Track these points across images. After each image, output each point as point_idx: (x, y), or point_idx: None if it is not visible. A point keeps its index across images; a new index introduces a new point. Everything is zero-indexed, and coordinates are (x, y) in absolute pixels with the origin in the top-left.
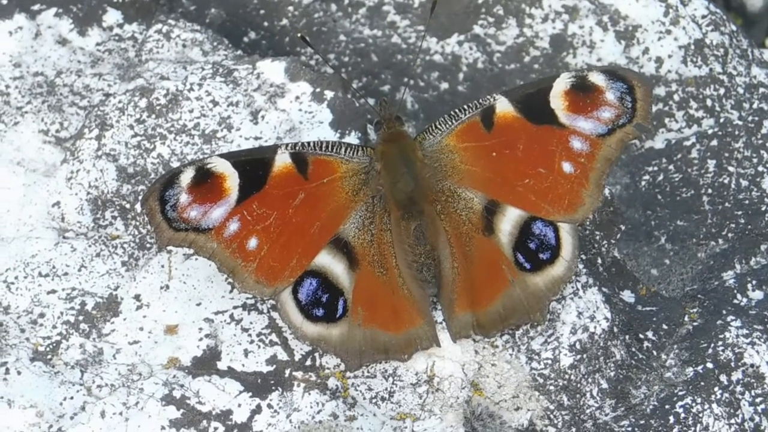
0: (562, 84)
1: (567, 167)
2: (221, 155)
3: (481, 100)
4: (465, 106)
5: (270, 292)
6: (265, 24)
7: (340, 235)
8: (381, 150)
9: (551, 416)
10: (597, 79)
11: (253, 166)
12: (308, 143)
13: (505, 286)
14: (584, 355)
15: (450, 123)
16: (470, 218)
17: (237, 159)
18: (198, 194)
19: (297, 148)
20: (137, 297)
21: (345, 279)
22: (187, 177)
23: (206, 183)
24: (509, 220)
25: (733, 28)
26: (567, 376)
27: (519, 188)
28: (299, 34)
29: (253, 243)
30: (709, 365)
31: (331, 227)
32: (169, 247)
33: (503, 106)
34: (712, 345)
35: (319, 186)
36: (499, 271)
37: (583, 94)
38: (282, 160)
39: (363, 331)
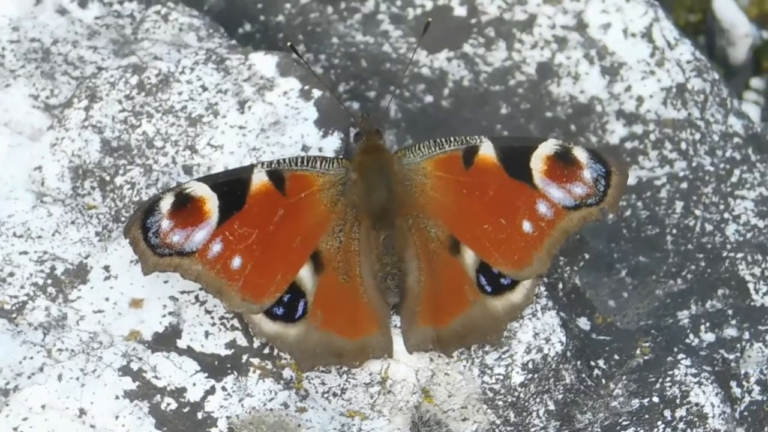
0: (546, 148)
1: (526, 226)
2: (199, 179)
3: (468, 138)
4: (452, 138)
5: (258, 308)
6: (262, 18)
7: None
8: (358, 161)
9: (496, 431)
10: (580, 154)
11: (231, 187)
12: (284, 160)
13: (466, 306)
14: (535, 375)
15: (433, 149)
16: (438, 236)
17: (215, 182)
18: (179, 219)
19: (273, 165)
20: (106, 268)
21: (308, 281)
22: (167, 203)
23: (186, 207)
24: None
25: (716, 76)
26: (516, 394)
27: (477, 230)
28: (288, 43)
29: (236, 262)
30: (655, 399)
31: (312, 240)
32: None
33: (487, 150)
34: (660, 380)
35: (298, 201)
36: (461, 291)
37: (562, 164)
38: (259, 179)
39: (319, 334)
